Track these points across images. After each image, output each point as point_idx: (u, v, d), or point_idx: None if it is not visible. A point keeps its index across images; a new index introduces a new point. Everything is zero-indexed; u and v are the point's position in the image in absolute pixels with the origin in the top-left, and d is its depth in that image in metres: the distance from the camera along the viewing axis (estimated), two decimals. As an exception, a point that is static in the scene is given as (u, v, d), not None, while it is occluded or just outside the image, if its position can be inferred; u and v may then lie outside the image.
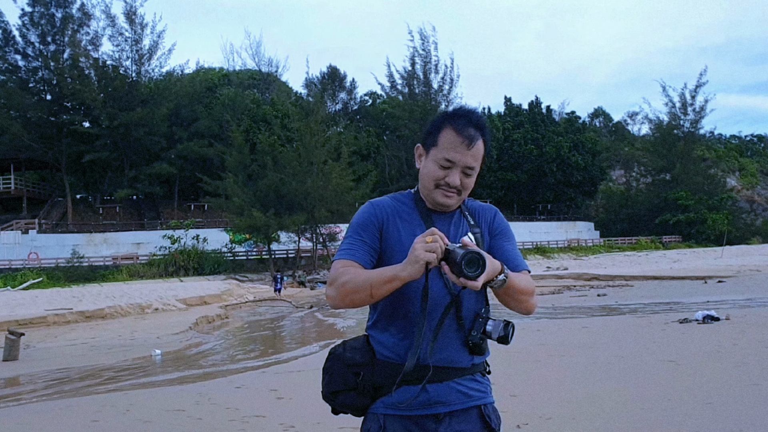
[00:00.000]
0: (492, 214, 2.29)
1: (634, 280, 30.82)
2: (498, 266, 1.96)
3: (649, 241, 69.31)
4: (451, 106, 68.10)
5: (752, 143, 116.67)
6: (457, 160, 2.11)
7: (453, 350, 2.11)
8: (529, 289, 2.10)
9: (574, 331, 12.43)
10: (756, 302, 18.16)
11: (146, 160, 55.74)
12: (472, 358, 2.14)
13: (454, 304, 2.11)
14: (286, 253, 49.55)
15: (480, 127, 2.16)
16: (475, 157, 2.13)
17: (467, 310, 2.13)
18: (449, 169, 2.12)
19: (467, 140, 2.11)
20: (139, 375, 10.56)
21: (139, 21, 56.92)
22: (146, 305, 22.82)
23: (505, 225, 2.29)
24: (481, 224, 2.24)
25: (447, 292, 2.11)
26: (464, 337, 2.11)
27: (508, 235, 2.27)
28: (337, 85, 76.85)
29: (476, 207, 2.29)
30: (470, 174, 2.15)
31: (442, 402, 2.09)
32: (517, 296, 2.06)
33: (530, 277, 2.19)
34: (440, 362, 2.08)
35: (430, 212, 2.20)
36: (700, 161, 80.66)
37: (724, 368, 7.75)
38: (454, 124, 2.13)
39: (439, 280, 2.08)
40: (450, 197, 2.15)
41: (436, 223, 2.16)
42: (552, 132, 72.82)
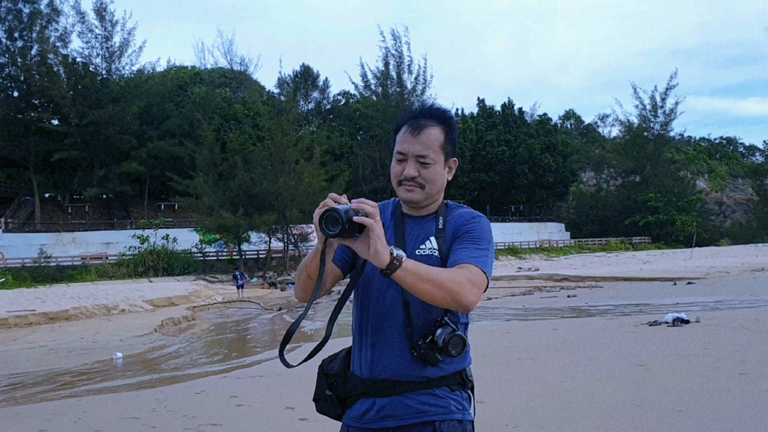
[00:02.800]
0: (466, 219, 2.14)
1: (604, 281, 30.98)
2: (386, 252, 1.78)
3: (618, 242, 69.99)
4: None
5: (721, 146, 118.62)
6: (406, 150, 2.07)
7: (401, 362, 2.03)
8: (445, 277, 1.87)
9: (544, 333, 12.32)
10: (725, 305, 18.24)
11: (116, 159, 54.94)
12: (425, 371, 2.02)
13: (405, 311, 2.03)
14: (257, 254, 49.11)
15: (432, 116, 2.11)
16: (425, 144, 2.06)
17: (421, 318, 2.03)
18: (404, 162, 2.08)
19: (415, 129, 2.08)
20: (97, 380, 10.21)
21: (109, 18, 56.26)
22: (112, 306, 22.37)
23: (473, 228, 2.11)
24: (449, 229, 2.12)
25: (400, 299, 2.03)
26: (411, 347, 2.02)
27: (470, 237, 2.08)
28: (309, 84, 76.44)
29: (456, 213, 2.18)
30: (426, 164, 2.07)
31: (391, 416, 2.03)
32: (424, 285, 1.83)
33: (474, 270, 1.97)
34: (389, 375, 2.03)
35: (404, 216, 2.17)
36: (670, 163, 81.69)
37: (695, 373, 7.64)
38: (408, 120, 2.12)
39: (394, 286, 2.01)
40: (411, 191, 2.08)
41: (407, 226, 2.13)
42: (524, 134, 73.27)
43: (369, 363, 2.05)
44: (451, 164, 2.18)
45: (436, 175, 2.09)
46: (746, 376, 7.29)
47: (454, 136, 2.15)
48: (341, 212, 1.74)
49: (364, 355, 2.07)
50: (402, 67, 68.93)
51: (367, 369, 2.06)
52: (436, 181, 2.10)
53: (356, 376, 2.09)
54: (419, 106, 2.17)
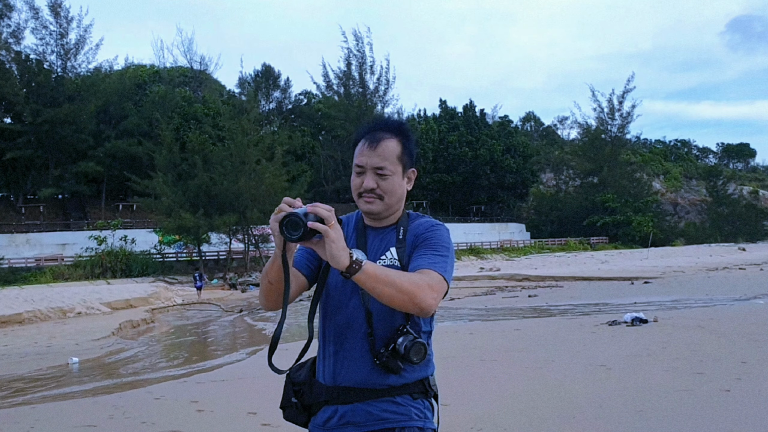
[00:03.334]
0: (426, 228, 2.16)
1: (563, 281, 31.38)
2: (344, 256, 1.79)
3: (577, 243, 70.96)
4: (386, 107, 68.27)
5: (676, 148, 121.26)
6: (364, 162, 2.10)
7: (364, 370, 2.05)
8: (403, 280, 1.89)
9: (506, 333, 12.40)
10: (681, 304, 18.62)
11: (72, 159, 53.71)
12: (388, 379, 2.04)
13: (367, 320, 2.05)
14: (217, 255, 48.50)
15: (388, 128, 2.15)
16: (382, 156, 2.09)
17: (383, 327, 2.05)
18: (362, 175, 2.11)
19: (371, 142, 2.11)
20: (51, 386, 9.91)
21: (64, 14, 54.84)
22: (68, 309, 21.84)
23: (432, 236, 2.13)
24: (409, 239, 2.14)
25: (362, 307, 2.06)
26: (374, 356, 2.04)
27: (429, 245, 2.10)
28: (271, 84, 75.88)
29: (416, 223, 2.20)
30: (384, 175, 2.10)
31: (352, 423, 2.05)
32: (383, 287, 1.85)
33: (433, 275, 1.99)
34: (351, 383, 2.06)
35: (366, 228, 2.20)
36: (627, 165, 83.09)
37: (654, 372, 7.75)
38: (365, 134, 2.15)
39: (356, 295, 2.06)
40: (371, 202, 2.11)
41: (368, 237, 2.16)
42: (486, 135, 73.83)
43: (332, 371, 2.08)
44: (410, 174, 2.20)
45: (394, 186, 2.12)
46: (703, 375, 7.42)
47: (411, 148, 2.18)
48: (301, 216, 1.75)
49: (327, 364, 2.10)
50: (364, 68, 68.86)
51: (330, 377, 2.08)
52: (394, 191, 2.13)
53: (320, 383, 2.11)
54: (375, 118, 2.25)
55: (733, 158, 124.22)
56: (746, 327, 11.39)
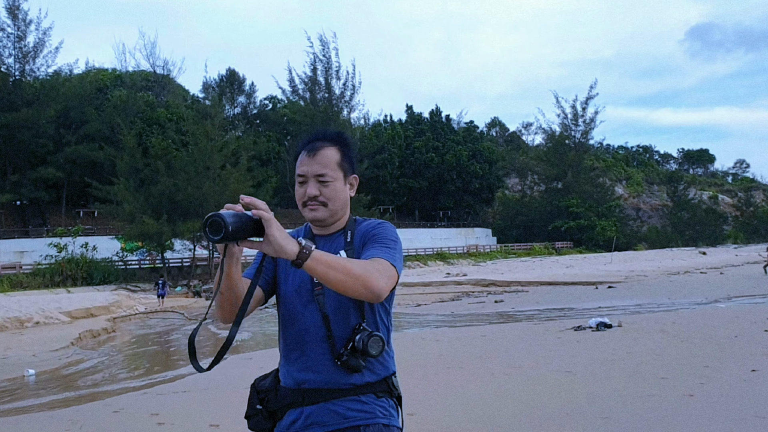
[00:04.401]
0: (372, 227, 2.21)
1: (529, 286, 31.57)
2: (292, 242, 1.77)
3: (542, 247, 71.71)
4: (353, 113, 68.15)
5: (638, 154, 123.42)
6: (305, 171, 2.14)
7: (327, 371, 2.08)
8: (354, 265, 1.89)
9: (472, 339, 12.36)
10: (645, 308, 18.83)
11: (31, 164, 52.60)
12: (351, 378, 2.08)
13: (325, 323, 2.08)
14: (181, 262, 47.89)
15: (327, 138, 2.20)
16: (322, 163, 2.13)
17: (341, 328, 2.09)
18: (305, 184, 2.15)
19: (311, 151, 2.16)
20: (5, 400, 9.57)
21: (22, 17, 53.79)
22: (26, 318, 21.27)
23: (380, 232, 2.17)
24: (357, 240, 2.19)
25: (318, 312, 2.10)
26: (335, 357, 2.07)
27: (377, 239, 2.14)
28: (236, 89, 75.34)
29: (362, 225, 2.24)
30: (326, 182, 2.13)
31: (317, 423, 2.08)
32: (335, 274, 1.84)
33: (382, 262, 2.00)
34: (314, 384, 2.08)
35: (314, 237, 2.24)
36: (590, 170, 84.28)
37: (619, 378, 7.77)
38: (305, 145, 2.20)
39: (312, 303, 2.11)
40: (315, 210, 2.15)
41: (318, 245, 2.11)
42: (452, 141, 74.26)
43: (295, 375, 2.11)
44: (352, 181, 2.23)
45: (337, 191, 2.16)
46: (667, 380, 7.46)
47: (350, 155, 2.22)
48: (223, 216, 1.70)
49: (291, 369, 2.13)
50: (330, 73, 68.74)
51: (293, 381, 2.12)
52: (337, 197, 2.16)
53: (285, 388, 2.14)
54: (314, 131, 2.27)
55: (693, 164, 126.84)
56: (708, 330, 11.52)
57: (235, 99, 75.68)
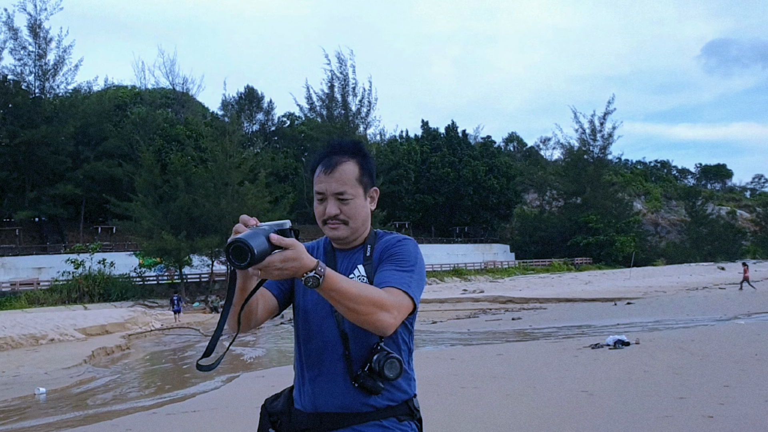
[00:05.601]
0: (392, 243, 2.13)
1: (547, 303, 31.24)
2: (306, 263, 1.71)
3: (561, 263, 71.07)
4: (369, 129, 68.36)
5: (656, 169, 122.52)
6: (323, 189, 2.07)
7: (345, 393, 2.00)
8: (365, 297, 1.82)
9: (488, 358, 12.16)
10: (663, 324, 18.51)
11: (50, 180, 53.11)
12: (370, 400, 1.99)
13: (343, 342, 2.01)
14: (199, 277, 48.03)
15: (344, 151, 2.11)
16: (340, 180, 2.06)
17: (359, 348, 2.00)
18: (324, 201, 2.08)
19: (327, 168, 2.08)
20: (14, 419, 9.51)
21: (43, 35, 54.51)
22: (41, 336, 21.32)
23: (399, 251, 2.09)
24: (376, 255, 2.11)
25: (336, 329, 2.02)
26: (352, 378, 1.99)
27: (396, 259, 2.06)
28: (254, 106, 75.86)
29: (383, 240, 2.17)
30: (346, 200, 2.06)
31: None
32: (346, 303, 1.79)
33: (395, 293, 1.93)
34: (333, 408, 2.00)
35: (335, 250, 2.17)
36: (609, 185, 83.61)
37: (636, 398, 7.56)
38: (321, 159, 2.12)
39: (330, 317, 2.02)
40: (336, 229, 2.08)
41: (337, 260, 2.13)
42: (468, 156, 74.00)
43: (311, 397, 2.03)
44: (372, 194, 2.16)
45: (357, 208, 2.08)
46: (686, 400, 7.24)
47: (369, 167, 2.14)
48: (246, 242, 1.62)
49: (306, 390, 2.05)
50: (347, 90, 69.01)
51: (310, 403, 2.03)
52: (358, 215, 2.09)
53: (300, 411, 2.06)
54: (329, 142, 2.17)
55: (711, 179, 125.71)
56: (728, 348, 11.24)
57: (254, 116, 76.21)
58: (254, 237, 1.65)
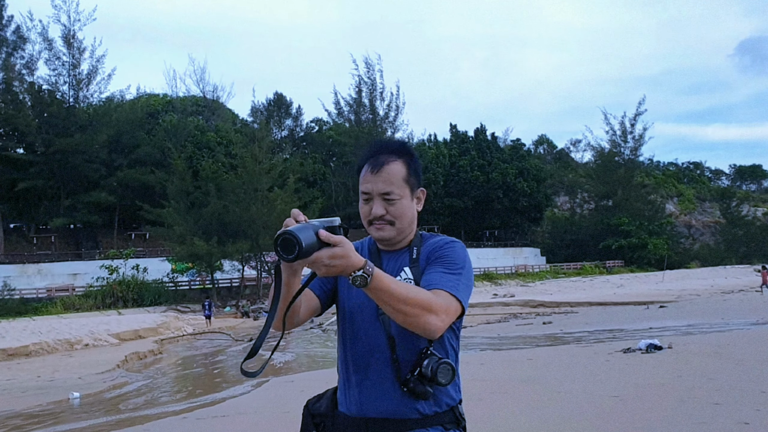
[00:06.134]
0: (440, 245, 2.09)
1: (579, 307, 30.93)
2: (354, 262, 1.69)
3: (593, 266, 70.30)
4: (396, 133, 68.41)
5: (689, 170, 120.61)
6: (369, 189, 2.05)
7: (392, 398, 1.96)
8: (413, 299, 1.78)
9: (518, 363, 12.06)
10: (697, 328, 18.18)
11: (84, 188, 54.08)
12: (417, 405, 1.95)
13: (390, 345, 1.97)
14: (230, 282, 48.48)
15: (391, 150, 2.08)
16: (386, 181, 2.03)
17: (407, 351, 1.97)
18: (370, 201, 2.05)
19: (374, 167, 2.05)
20: (48, 423, 9.68)
21: (77, 45, 55.65)
22: (76, 341, 21.69)
23: (447, 253, 2.05)
24: (423, 258, 2.08)
25: (383, 332, 1.99)
26: (400, 382, 1.95)
27: (444, 261, 2.02)
28: (283, 112, 76.42)
29: (430, 242, 2.13)
30: (392, 200, 2.03)
31: None
32: (394, 304, 1.76)
33: (443, 296, 1.89)
34: (380, 413, 1.96)
35: (380, 252, 2.14)
36: (641, 187, 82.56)
37: (669, 404, 7.43)
38: (367, 159, 2.10)
39: (376, 322, 1.99)
40: (381, 229, 2.06)
41: (383, 261, 2.11)
42: (498, 159, 73.60)
43: (357, 401, 2.00)
44: (419, 195, 2.13)
45: (404, 209, 2.05)
46: (721, 406, 7.10)
47: (416, 167, 2.10)
48: (295, 234, 1.62)
49: (352, 394, 2.02)
50: (374, 95, 69.29)
51: (356, 407, 2.00)
52: (404, 215, 2.06)
53: (345, 415, 2.03)
54: (376, 141, 2.14)
55: (746, 179, 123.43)
56: (765, 353, 11.01)
57: (283, 122, 76.77)
58: (303, 231, 1.64)
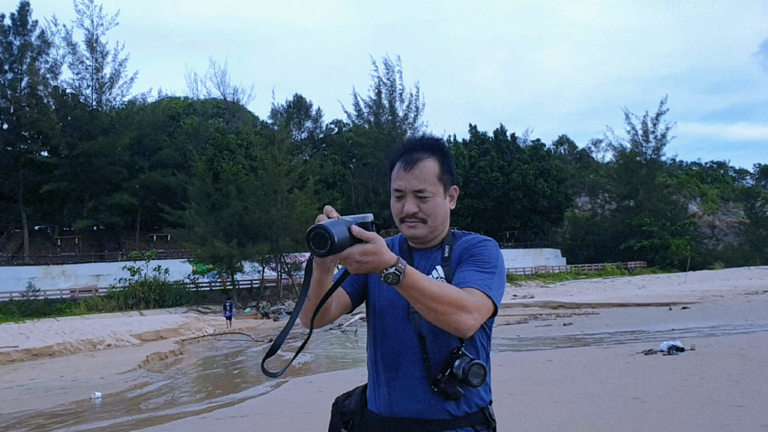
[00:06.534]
0: (472, 244, 2.07)
1: (599, 308, 30.67)
2: (386, 259, 1.67)
3: (614, 267, 69.70)
4: (416, 134, 68.35)
5: (712, 170, 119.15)
6: (402, 186, 2.02)
7: (422, 398, 1.95)
8: (445, 297, 1.76)
9: (537, 364, 11.99)
10: (720, 330, 17.96)
11: (107, 190, 54.71)
12: (447, 406, 1.94)
13: (421, 344, 1.96)
14: (251, 284, 48.74)
15: (424, 147, 2.07)
16: (420, 178, 2.01)
17: (438, 351, 1.96)
18: (402, 199, 2.03)
19: (407, 164, 2.03)
20: (70, 422, 9.77)
21: (100, 49, 56.39)
22: (98, 341, 21.91)
23: (480, 251, 2.03)
24: (455, 256, 2.06)
25: (414, 331, 1.98)
26: (431, 382, 1.94)
27: (477, 260, 2.00)
28: (302, 114, 76.72)
29: (462, 240, 2.11)
30: (425, 198, 2.01)
31: None
32: (426, 302, 1.73)
33: (476, 294, 1.87)
34: (410, 413, 1.95)
35: (411, 249, 2.13)
36: (663, 188, 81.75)
37: (691, 406, 7.34)
38: (400, 155, 2.08)
39: (407, 321, 1.99)
40: (414, 227, 2.04)
41: (414, 259, 2.09)
42: (518, 159, 73.29)
43: (387, 400, 2.00)
44: (452, 192, 2.11)
45: (436, 207, 2.04)
46: (744, 408, 7.00)
47: (450, 164, 2.09)
48: (327, 228, 1.61)
49: (382, 393, 2.02)
50: (394, 96, 69.30)
51: (385, 406, 2.00)
52: (437, 213, 2.05)
53: (374, 413, 2.03)
54: (409, 138, 2.12)
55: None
56: (790, 355, 10.84)
57: (302, 124, 77.09)
58: (336, 225, 1.63)
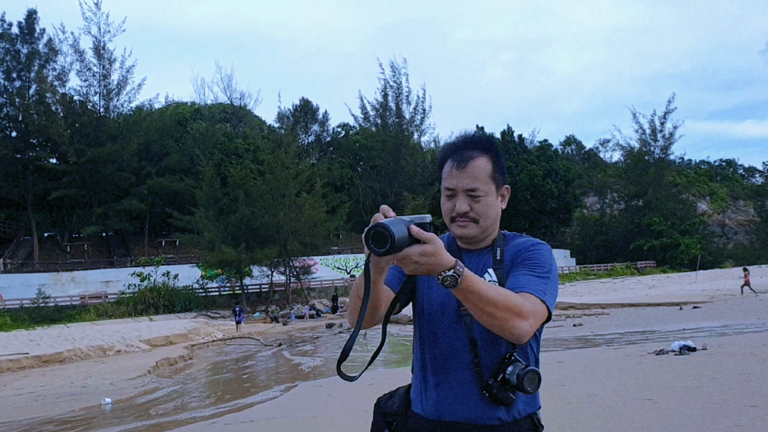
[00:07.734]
0: (525, 247, 2.05)
1: (610, 308, 30.54)
2: (444, 261, 1.64)
3: (624, 267, 69.43)
4: (423, 136, 68.20)
5: (721, 168, 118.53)
6: (454, 185, 2.01)
7: (472, 403, 1.92)
8: (502, 302, 1.73)
9: (548, 366, 11.90)
10: (732, 329, 17.82)
11: (115, 196, 54.91)
12: (498, 412, 1.91)
13: (472, 348, 1.93)
14: (259, 288, 48.76)
15: (476, 145, 2.03)
16: (472, 177, 1.98)
17: (489, 356, 1.93)
18: (453, 198, 2.02)
19: (459, 162, 2.00)
20: (80, 429, 9.77)
21: (107, 56, 56.60)
22: (108, 347, 21.96)
23: (534, 255, 2.01)
24: (507, 259, 2.03)
25: (465, 334, 1.94)
26: (482, 387, 1.91)
27: (531, 264, 1.98)
28: (309, 117, 76.78)
29: (514, 242, 2.08)
30: (477, 197, 1.99)
31: None
32: (483, 306, 1.71)
33: (532, 300, 1.85)
34: (458, 418, 1.92)
35: (460, 250, 2.08)
36: (672, 187, 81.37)
37: (704, 406, 7.27)
38: (451, 153, 2.05)
39: (457, 324, 1.95)
40: (464, 227, 2.02)
41: (464, 260, 1.97)
42: (525, 160, 73.15)
43: (435, 404, 1.97)
44: (504, 192, 2.09)
45: (489, 207, 2.01)
46: (758, 408, 6.92)
47: (501, 163, 2.06)
48: (387, 227, 1.59)
49: (429, 396, 1.98)
50: (401, 98, 69.28)
51: (432, 410, 1.97)
52: (489, 213, 2.02)
53: (419, 416, 2.00)
54: (460, 136, 2.10)
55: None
56: (803, 354, 10.74)
57: (309, 127, 77.15)
58: (395, 224, 1.61)
